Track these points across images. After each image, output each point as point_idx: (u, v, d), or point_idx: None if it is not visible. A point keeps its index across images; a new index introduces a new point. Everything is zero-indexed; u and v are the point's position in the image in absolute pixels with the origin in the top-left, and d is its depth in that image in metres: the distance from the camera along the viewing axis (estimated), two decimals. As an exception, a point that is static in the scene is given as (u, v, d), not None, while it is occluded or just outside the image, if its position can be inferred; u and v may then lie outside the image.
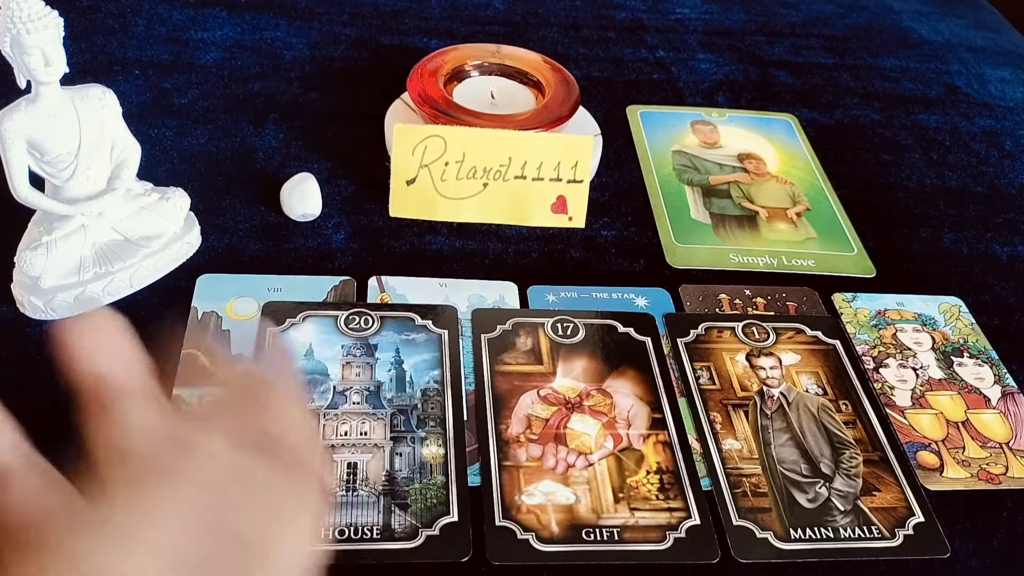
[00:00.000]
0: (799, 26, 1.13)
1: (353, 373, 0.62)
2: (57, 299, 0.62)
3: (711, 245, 0.77)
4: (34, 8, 0.57)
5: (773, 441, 0.61)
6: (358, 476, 0.56)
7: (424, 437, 0.58)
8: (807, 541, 0.55)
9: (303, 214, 0.74)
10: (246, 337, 0.63)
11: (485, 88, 0.84)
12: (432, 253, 0.73)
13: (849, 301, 0.73)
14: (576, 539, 0.54)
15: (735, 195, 0.83)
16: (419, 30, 1.02)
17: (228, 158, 0.80)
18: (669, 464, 0.58)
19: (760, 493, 0.57)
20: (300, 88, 0.90)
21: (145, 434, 0.30)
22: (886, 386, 0.66)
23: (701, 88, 0.99)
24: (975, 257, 0.80)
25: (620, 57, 1.02)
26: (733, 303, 0.72)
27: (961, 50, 1.12)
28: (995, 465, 0.62)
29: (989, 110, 1.01)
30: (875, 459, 0.61)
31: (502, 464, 0.57)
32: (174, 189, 0.68)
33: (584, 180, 0.76)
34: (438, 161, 0.74)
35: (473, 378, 0.63)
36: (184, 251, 0.69)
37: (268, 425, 0.33)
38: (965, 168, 0.91)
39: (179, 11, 1.00)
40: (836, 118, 0.96)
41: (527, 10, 1.09)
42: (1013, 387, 0.68)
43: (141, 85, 0.88)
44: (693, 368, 0.65)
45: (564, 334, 0.66)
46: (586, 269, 0.73)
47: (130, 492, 0.28)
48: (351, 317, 0.65)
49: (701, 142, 0.90)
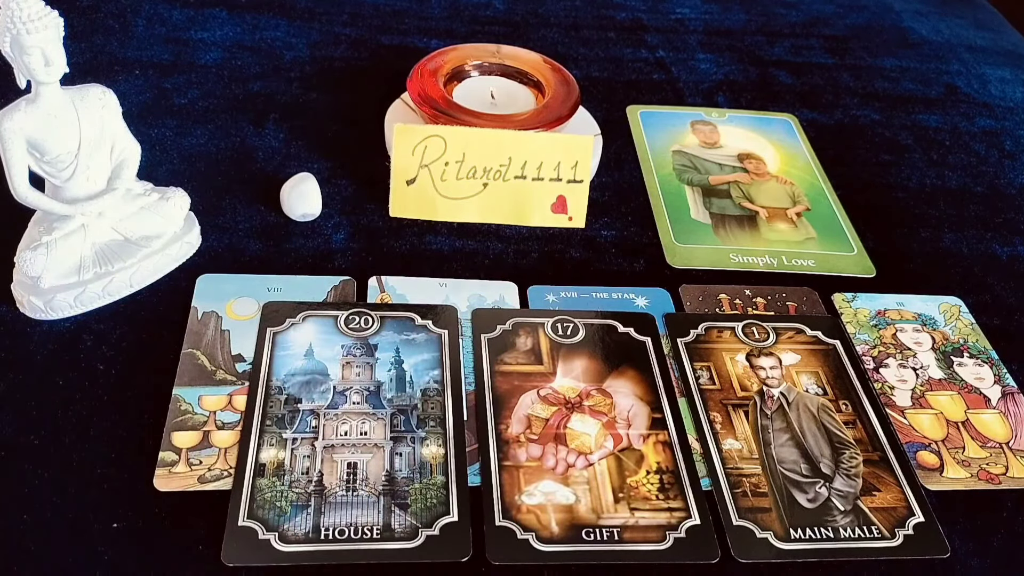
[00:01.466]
0: (799, 26, 1.13)
1: (353, 373, 0.62)
2: (57, 299, 0.62)
3: (711, 245, 0.77)
4: (34, 8, 0.57)
5: (773, 441, 0.61)
6: (358, 476, 0.56)
7: (424, 437, 0.58)
8: (807, 541, 0.55)
9: (303, 214, 0.74)
10: (246, 337, 0.63)
11: (485, 88, 0.84)
12: (432, 253, 0.73)
13: (849, 301, 0.73)
14: (576, 539, 0.54)
15: (735, 195, 0.83)
16: (419, 30, 1.02)
17: (228, 158, 0.80)
18: (669, 464, 0.58)
19: (760, 493, 0.57)
20: (300, 88, 0.90)
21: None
22: (886, 386, 0.66)
23: (701, 88, 0.99)
24: (975, 257, 0.80)
25: (620, 57, 1.02)
26: (733, 303, 0.72)
27: (961, 50, 1.12)
28: (995, 465, 0.62)
29: (989, 110, 1.01)
30: (875, 459, 0.61)
31: (502, 464, 0.57)
32: (174, 189, 0.68)
33: (584, 180, 0.76)
34: (438, 161, 0.74)
35: (473, 378, 0.63)
36: (184, 251, 0.69)
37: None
38: (965, 168, 0.91)
39: (179, 11, 1.00)
40: (836, 118, 0.96)
41: (527, 10, 1.09)
42: (1013, 387, 0.68)
43: (141, 85, 0.88)
44: (693, 368, 0.65)
45: (564, 334, 0.66)
46: (586, 269, 0.73)
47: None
48: (351, 317, 0.65)
49: (701, 142, 0.90)
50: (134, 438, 0.56)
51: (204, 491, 0.54)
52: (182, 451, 0.56)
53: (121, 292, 0.65)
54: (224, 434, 0.57)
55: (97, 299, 0.64)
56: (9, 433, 0.56)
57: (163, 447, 0.56)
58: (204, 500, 0.54)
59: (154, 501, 0.53)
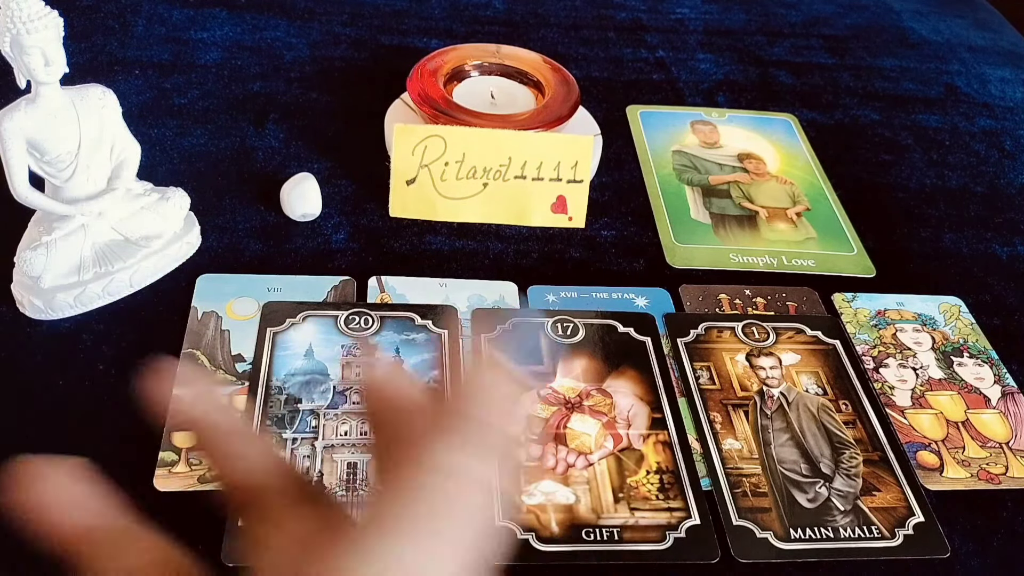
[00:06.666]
0: (799, 26, 1.13)
1: (353, 373, 0.62)
2: (57, 299, 0.62)
3: (711, 245, 0.77)
4: (34, 8, 0.57)
5: (773, 441, 0.61)
6: (358, 476, 0.56)
7: (424, 437, 0.58)
8: (807, 541, 0.55)
9: (303, 214, 0.74)
10: (246, 337, 0.63)
11: (485, 88, 0.84)
12: (432, 253, 0.73)
13: (849, 301, 0.73)
14: (576, 539, 0.54)
15: (735, 195, 0.83)
16: (419, 30, 1.02)
17: (228, 158, 0.80)
18: (669, 464, 0.58)
19: (760, 493, 0.57)
20: (300, 88, 0.90)
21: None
22: (886, 386, 0.66)
23: (701, 88, 0.99)
24: (975, 257, 0.80)
25: (620, 57, 1.02)
26: (733, 303, 0.72)
27: (961, 50, 1.12)
28: (995, 465, 0.62)
29: (989, 110, 1.01)
30: (875, 459, 0.61)
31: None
32: (174, 189, 0.68)
33: (584, 180, 0.76)
34: (438, 161, 0.74)
35: (473, 378, 0.62)
36: (184, 251, 0.69)
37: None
38: (965, 168, 0.91)
39: (179, 11, 1.00)
40: (836, 118, 0.96)
41: (527, 10, 1.09)
42: (1013, 387, 0.68)
43: (141, 85, 0.88)
44: (693, 368, 0.65)
45: (564, 334, 0.66)
46: (586, 269, 0.73)
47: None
48: (351, 317, 0.65)
49: (701, 142, 0.90)
50: (134, 438, 0.56)
51: (204, 491, 0.54)
52: (182, 451, 0.56)
53: (121, 292, 0.65)
54: (224, 434, 0.57)
55: (97, 299, 0.64)
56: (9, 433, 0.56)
57: (163, 447, 0.56)
58: (204, 500, 0.54)
59: (154, 501, 0.53)
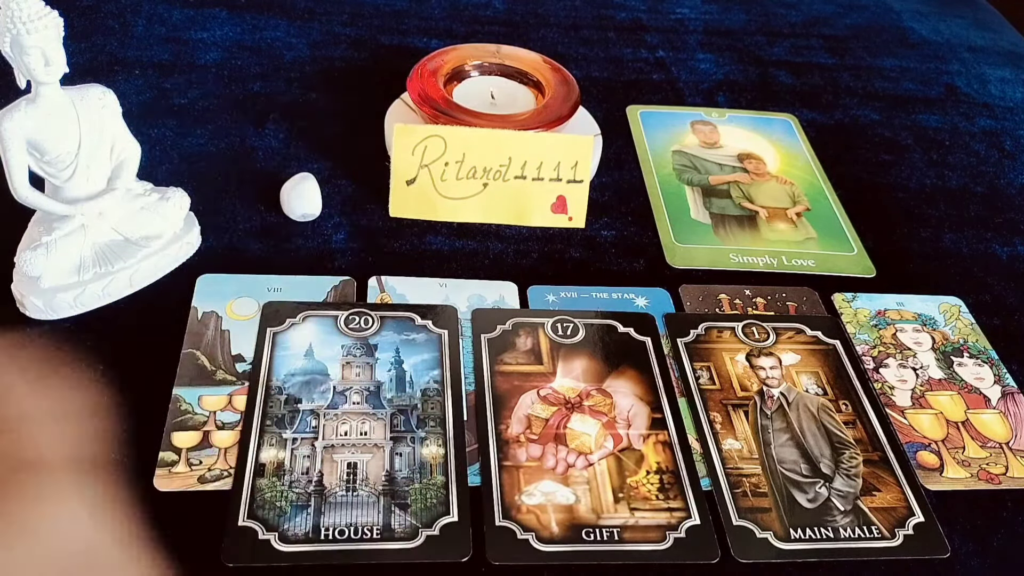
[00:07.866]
0: (799, 26, 1.13)
1: (353, 373, 0.62)
2: (57, 299, 0.62)
3: (711, 245, 0.77)
4: (34, 8, 0.57)
5: (773, 441, 0.61)
6: (358, 476, 0.56)
7: (424, 437, 0.58)
8: (807, 541, 0.55)
9: (303, 214, 0.74)
10: (246, 337, 0.63)
11: (485, 88, 0.84)
12: (432, 253, 0.73)
13: (849, 301, 0.73)
14: (576, 539, 0.54)
15: (735, 195, 0.83)
16: (419, 30, 1.02)
17: (228, 158, 0.80)
18: (669, 464, 0.58)
19: (760, 493, 0.57)
20: (300, 88, 0.90)
21: None
22: (886, 386, 0.66)
23: (701, 88, 0.99)
24: (975, 257, 0.80)
25: (620, 57, 1.02)
26: (733, 303, 0.72)
27: (961, 50, 1.12)
28: (995, 465, 0.62)
29: (989, 110, 1.01)
30: (875, 459, 0.61)
31: (502, 464, 0.57)
32: (174, 189, 0.68)
33: (584, 180, 0.76)
34: (438, 161, 0.74)
35: (473, 378, 0.63)
36: (184, 251, 0.69)
37: None
38: (965, 168, 0.91)
39: (179, 11, 1.00)
40: (836, 118, 0.96)
41: (527, 10, 1.09)
42: (1013, 387, 0.68)
43: (141, 85, 0.88)
44: (693, 368, 0.65)
45: (564, 334, 0.66)
46: (586, 269, 0.73)
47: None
48: (351, 317, 0.65)
49: (701, 142, 0.90)
50: (134, 438, 0.56)
51: (204, 491, 0.54)
52: (182, 451, 0.56)
53: (121, 292, 0.65)
54: (224, 434, 0.57)
55: (97, 299, 0.64)
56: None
57: (163, 447, 0.56)
58: (204, 500, 0.54)
59: (154, 501, 0.53)
